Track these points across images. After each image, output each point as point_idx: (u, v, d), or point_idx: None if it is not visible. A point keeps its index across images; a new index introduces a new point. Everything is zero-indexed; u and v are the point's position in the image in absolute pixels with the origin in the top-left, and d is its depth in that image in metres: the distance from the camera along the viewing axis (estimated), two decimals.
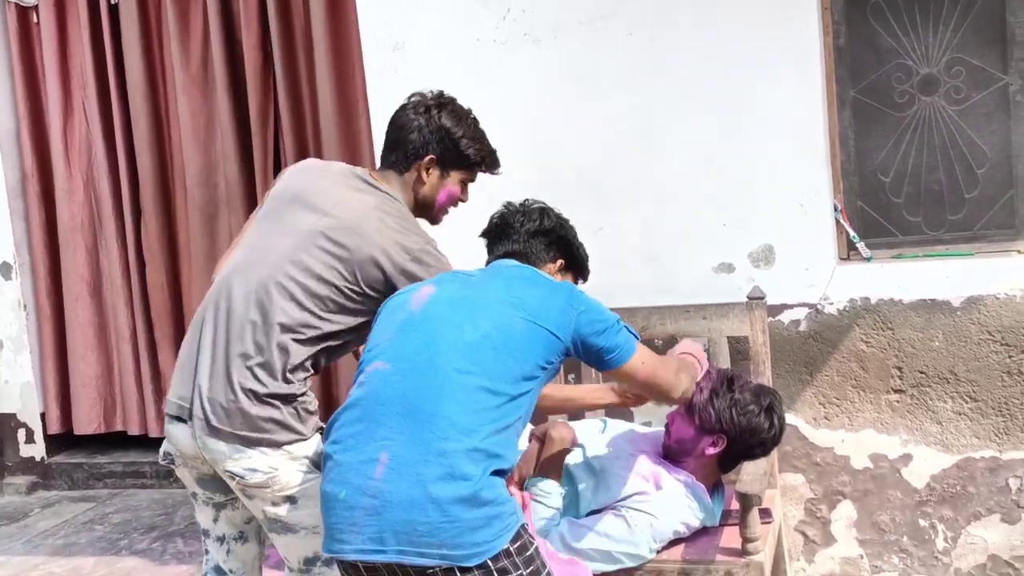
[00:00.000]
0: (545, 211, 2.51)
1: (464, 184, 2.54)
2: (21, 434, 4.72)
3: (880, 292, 3.20)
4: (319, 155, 4.08)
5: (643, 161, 3.36)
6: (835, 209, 3.25)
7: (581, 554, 2.61)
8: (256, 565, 2.55)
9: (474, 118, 2.54)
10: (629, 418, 3.43)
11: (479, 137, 2.51)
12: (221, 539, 2.50)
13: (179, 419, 2.34)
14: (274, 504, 2.30)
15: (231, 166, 4.23)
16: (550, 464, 2.67)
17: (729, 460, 2.76)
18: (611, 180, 3.40)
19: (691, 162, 3.31)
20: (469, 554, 1.90)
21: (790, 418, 3.30)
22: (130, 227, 4.46)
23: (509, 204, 2.55)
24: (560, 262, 2.48)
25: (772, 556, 2.89)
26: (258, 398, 2.25)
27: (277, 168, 4.21)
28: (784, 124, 3.20)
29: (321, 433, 2.30)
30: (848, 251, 3.28)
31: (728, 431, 2.66)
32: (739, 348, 3.26)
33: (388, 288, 2.30)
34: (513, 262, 2.37)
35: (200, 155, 4.32)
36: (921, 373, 3.19)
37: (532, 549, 2.01)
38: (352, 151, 4.01)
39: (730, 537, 2.77)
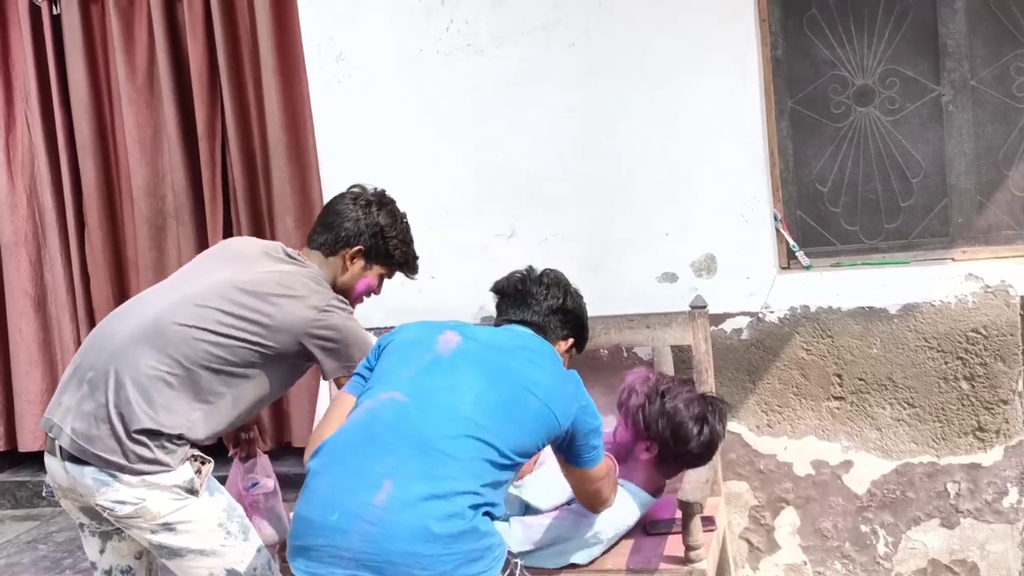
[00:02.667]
0: (568, 290, 2.55)
1: (381, 279, 2.69)
2: None
3: (819, 300, 3.23)
4: (266, 166, 4.06)
5: (586, 171, 3.38)
6: (775, 219, 3.29)
7: (536, 554, 2.67)
8: None
9: (407, 222, 2.70)
10: None
11: (408, 240, 2.68)
12: (108, 572, 2.52)
13: (51, 452, 2.36)
14: (152, 532, 2.33)
15: (178, 177, 4.19)
16: None
17: (667, 466, 2.80)
18: (555, 190, 3.41)
19: (634, 172, 3.33)
20: None
21: (733, 426, 3.33)
22: (74, 240, 4.39)
23: (531, 270, 2.57)
24: (571, 340, 2.55)
25: (716, 564, 2.91)
26: (125, 429, 2.27)
27: (225, 179, 4.18)
28: (724, 134, 3.23)
29: (192, 461, 2.34)
30: (788, 260, 3.32)
31: (657, 439, 2.74)
32: (682, 357, 3.28)
33: (293, 347, 2.40)
34: (531, 333, 2.40)
35: (146, 167, 4.27)
36: (860, 380, 3.22)
37: (518, 572, 2.10)
38: (298, 161, 3.99)
39: (673, 545, 2.79)
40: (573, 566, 2.70)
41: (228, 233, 4.20)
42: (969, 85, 3.17)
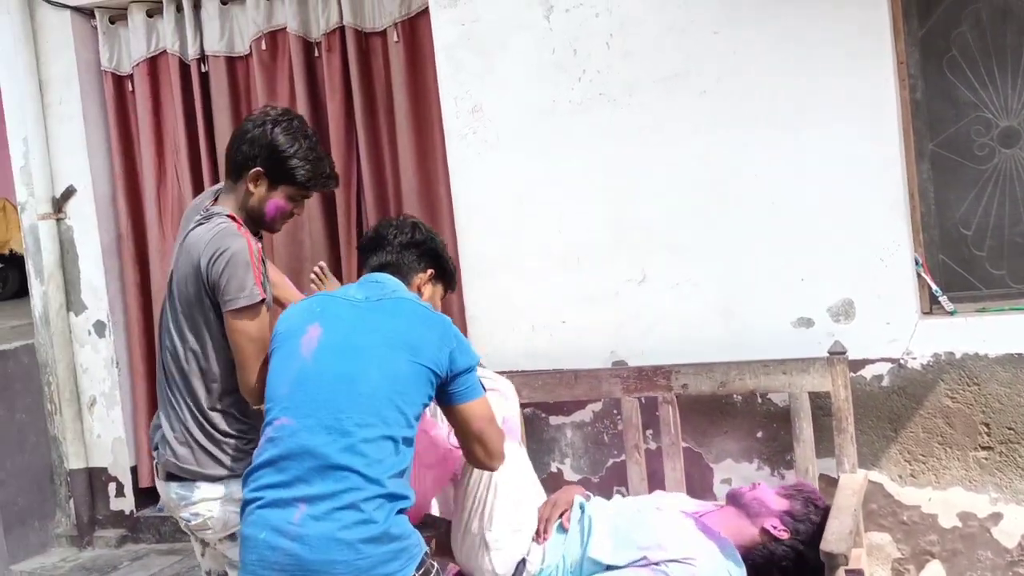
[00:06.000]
0: (417, 225, 2.67)
1: (293, 199, 2.59)
2: (112, 488, 4.85)
3: (965, 347, 3.15)
4: (399, 214, 4.16)
5: (719, 216, 3.38)
6: (916, 263, 3.22)
7: None
8: None
9: (313, 139, 2.57)
10: None
11: (312, 159, 2.54)
12: (208, 573, 2.69)
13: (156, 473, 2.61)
14: (220, 543, 2.52)
15: (316, 225, 4.35)
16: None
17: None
18: (687, 235, 3.42)
19: (768, 217, 3.32)
20: None
21: (874, 475, 3.26)
22: None
23: (384, 218, 2.76)
24: (430, 271, 2.63)
25: None
26: (190, 435, 2.48)
27: (360, 226, 4.32)
28: (862, 178, 3.19)
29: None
30: (931, 305, 3.25)
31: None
32: (819, 404, 3.23)
33: (210, 289, 2.44)
34: (385, 277, 2.52)
35: None
36: (1010, 429, 3.12)
37: (434, 572, 2.30)
38: (432, 210, 4.10)
39: None
40: None
41: None
42: None
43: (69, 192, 4.73)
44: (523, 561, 2.82)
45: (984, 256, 3.24)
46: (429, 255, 2.64)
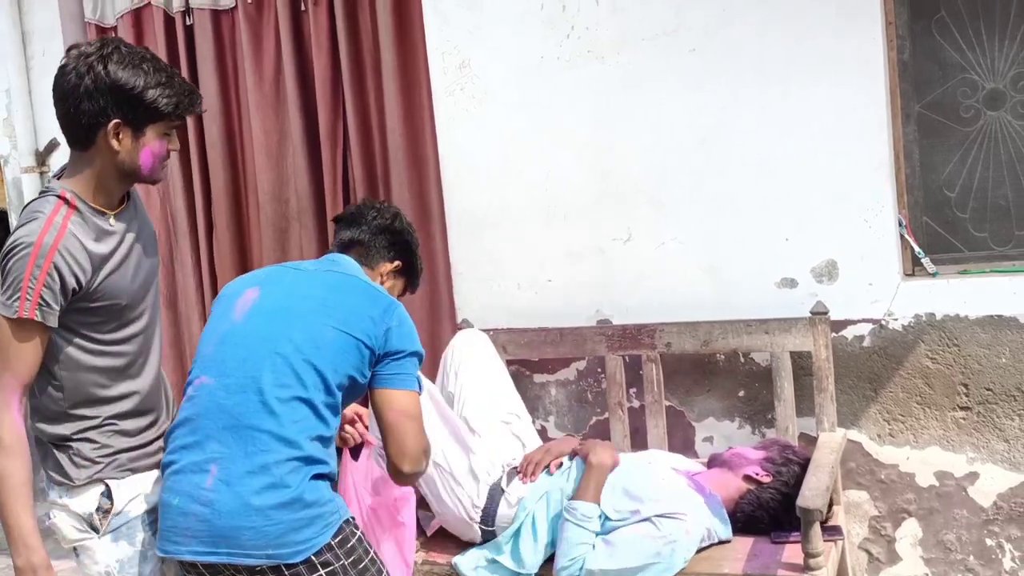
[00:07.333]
0: (399, 214, 2.62)
1: (167, 134, 2.17)
2: None
3: (946, 308, 3.17)
4: (386, 172, 4.16)
5: (706, 176, 3.38)
6: (900, 224, 3.23)
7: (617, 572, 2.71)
8: None
9: (151, 58, 2.12)
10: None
11: (166, 80, 2.11)
12: None
13: None
14: (68, 552, 2.28)
15: (302, 182, 4.32)
16: (591, 488, 2.83)
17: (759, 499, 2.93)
18: (673, 195, 3.43)
19: (754, 177, 3.32)
20: (293, 552, 2.10)
21: (853, 434, 3.30)
22: (203, 242, 4.57)
23: (368, 199, 2.72)
24: (397, 263, 2.55)
25: (835, 573, 2.88)
26: (36, 438, 2.22)
27: (346, 183, 4.30)
28: (848, 138, 3.20)
29: (104, 496, 2.22)
30: (913, 266, 3.26)
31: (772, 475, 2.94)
32: (801, 364, 3.26)
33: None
34: (345, 259, 2.46)
35: (271, 171, 4.42)
36: (988, 390, 3.15)
37: (354, 540, 2.19)
38: (418, 166, 4.08)
39: (793, 553, 2.78)
40: None
41: None
42: None
43: (52, 145, 4.70)
44: (501, 491, 2.92)
45: (967, 218, 3.25)
46: (401, 247, 2.57)
